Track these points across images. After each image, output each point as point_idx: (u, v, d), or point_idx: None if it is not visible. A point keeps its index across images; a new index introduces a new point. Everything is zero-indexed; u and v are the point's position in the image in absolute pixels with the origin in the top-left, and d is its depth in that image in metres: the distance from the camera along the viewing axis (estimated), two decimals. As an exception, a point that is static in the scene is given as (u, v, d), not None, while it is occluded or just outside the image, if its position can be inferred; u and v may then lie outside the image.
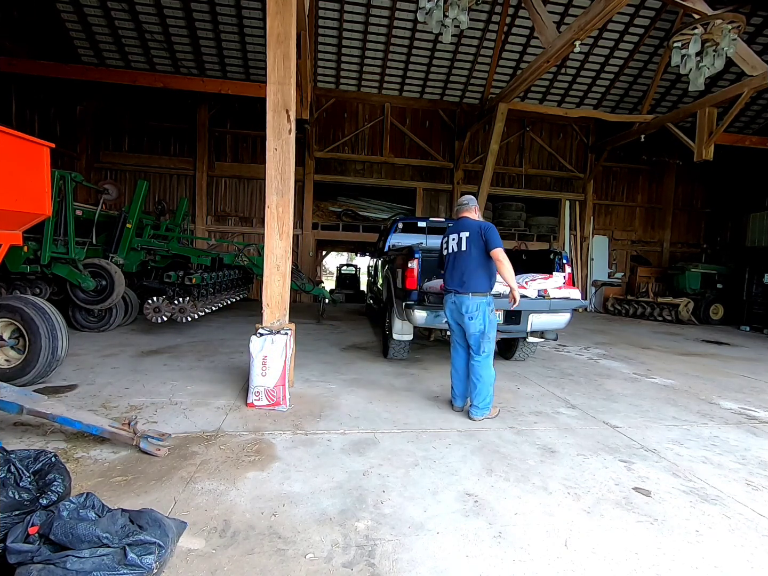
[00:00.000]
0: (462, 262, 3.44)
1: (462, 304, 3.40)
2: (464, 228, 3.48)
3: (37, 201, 2.70)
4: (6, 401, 2.57)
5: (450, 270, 3.54)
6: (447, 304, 3.57)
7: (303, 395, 3.87)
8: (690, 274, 11.36)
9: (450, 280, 3.53)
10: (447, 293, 3.57)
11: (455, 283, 3.47)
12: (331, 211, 12.75)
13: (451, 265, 3.53)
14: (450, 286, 3.52)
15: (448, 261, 3.57)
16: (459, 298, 3.43)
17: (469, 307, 3.37)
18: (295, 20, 3.78)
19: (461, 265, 3.45)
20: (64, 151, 10.53)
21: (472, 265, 3.40)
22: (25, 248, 5.40)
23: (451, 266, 3.53)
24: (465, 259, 3.43)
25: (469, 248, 3.41)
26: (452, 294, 3.48)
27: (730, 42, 5.79)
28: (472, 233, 3.41)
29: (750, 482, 2.60)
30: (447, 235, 3.66)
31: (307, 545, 1.86)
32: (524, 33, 10.38)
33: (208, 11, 9.47)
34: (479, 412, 3.42)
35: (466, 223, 3.51)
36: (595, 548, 1.92)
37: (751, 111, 12.56)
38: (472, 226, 3.45)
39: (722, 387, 4.79)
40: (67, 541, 1.51)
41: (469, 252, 3.41)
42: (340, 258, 30.37)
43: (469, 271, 3.40)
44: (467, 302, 3.38)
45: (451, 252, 3.53)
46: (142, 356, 5.06)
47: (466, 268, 3.41)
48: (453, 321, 3.59)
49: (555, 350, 6.45)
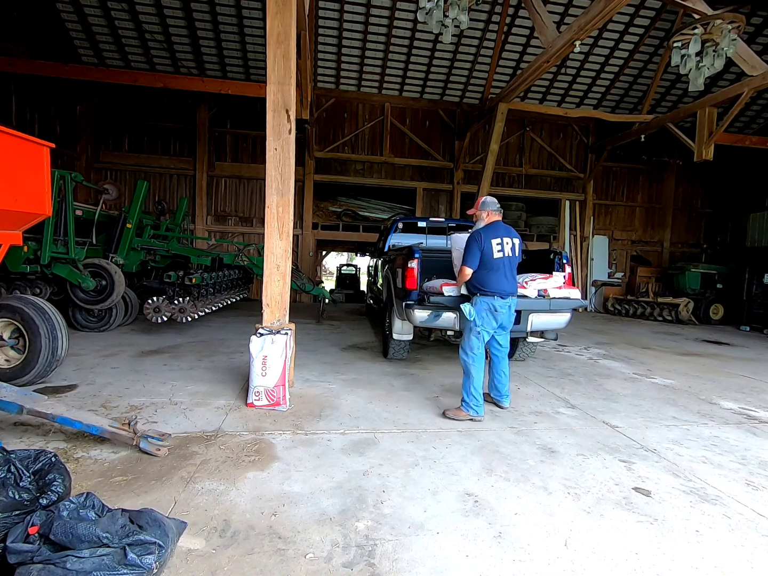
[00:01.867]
0: (515, 268, 3.64)
1: (514, 306, 3.64)
2: (512, 234, 3.61)
3: (37, 201, 2.70)
4: (6, 401, 2.57)
5: (506, 273, 3.53)
6: (499, 308, 3.47)
7: (303, 395, 3.87)
8: (690, 274, 11.36)
9: (507, 284, 3.53)
10: (496, 296, 3.47)
11: (513, 287, 3.60)
12: (331, 211, 12.75)
13: (508, 269, 3.54)
14: (507, 289, 3.52)
15: (502, 265, 3.50)
16: (514, 301, 3.62)
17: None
18: (295, 20, 3.78)
19: (515, 269, 3.64)
20: (64, 151, 10.53)
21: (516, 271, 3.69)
22: (25, 248, 5.40)
23: (508, 270, 3.54)
24: (516, 265, 3.64)
25: (520, 255, 3.64)
26: (509, 298, 3.53)
27: (730, 42, 5.79)
28: (519, 241, 3.64)
29: (750, 482, 2.60)
30: (495, 237, 3.51)
31: (307, 545, 1.86)
32: (524, 33, 10.39)
33: (208, 11, 9.47)
34: (509, 399, 3.79)
35: (509, 229, 3.63)
36: (595, 548, 1.92)
37: (751, 111, 12.56)
38: (514, 233, 3.64)
39: (722, 387, 4.79)
40: (67, 541, 1.51)
41: (519, 258, 3.65)
42: (340, 258, 30.38)
43: (515, 275, 3.68)
44: (515, 304, 3.66)
45: (506, 256, 3.51)
46: (142, 356, 5.06)
47: (515, 273, 3.66)
48: (499, 323, 3.57)
49: (555, 350, 6.45)
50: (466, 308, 3.47)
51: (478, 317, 3.46)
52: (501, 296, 3.46)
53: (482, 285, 3.49)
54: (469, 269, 3.50)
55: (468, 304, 3.50)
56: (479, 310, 3.46)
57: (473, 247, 3.47)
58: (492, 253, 3.46)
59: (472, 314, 3.45)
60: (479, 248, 3.45)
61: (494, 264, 3.47)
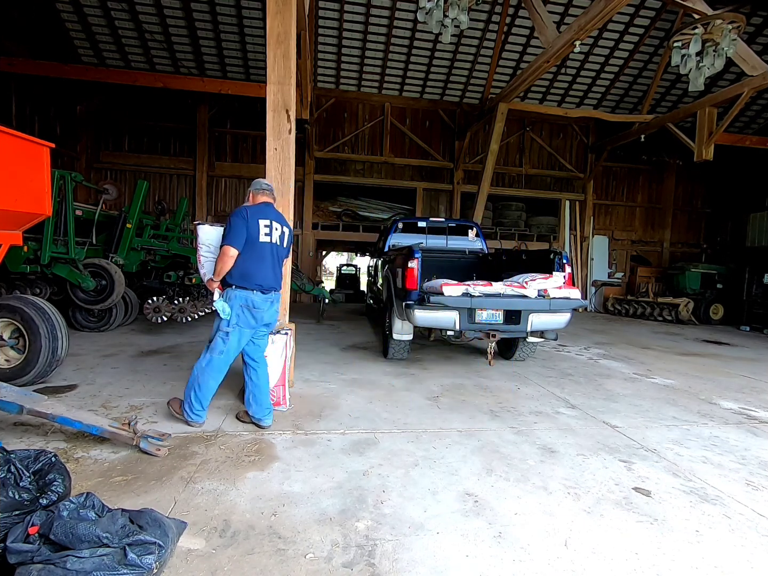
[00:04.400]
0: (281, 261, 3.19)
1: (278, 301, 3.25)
2: (283, 222, 3.14)
3: (37, 201, 2.70)
4: (6, 401, 2.57)
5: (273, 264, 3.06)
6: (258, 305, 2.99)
7: (303, 395, 3.87)
8: (690, 274, 11.37)
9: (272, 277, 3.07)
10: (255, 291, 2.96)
11: (277, 281, 3.13)
12: (331, 211, 12.75)
13: (275, 259, 3.08)
14: (272, 283, 3.06)
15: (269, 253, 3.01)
16: (278, 296, 3.20)
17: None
18: (295, 20, 3.78)
19: (281, 262, 3.18)
20: (64, 151, 10.53)
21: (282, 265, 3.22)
22: (25, 248, 5.40)
23: (275, 260, 3.08)
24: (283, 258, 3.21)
25: (288, 248, 3.24)
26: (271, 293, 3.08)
27: (730, 42, 5.79)
28: (290, 232, 3.22)
29: (750, 482, 2.60)
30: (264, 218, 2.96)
31: (307, 545, 1.86)
32: (524, 33, 10.39)
33: (208, 11, 9.47)
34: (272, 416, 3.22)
35: (281, 216, 3.17)
36: (595, 548, 1.92)
37: (751, 111, 12.57)
38: (286, 222, 3.19)
39: (722, 387, 4.79)
40: (67, 541, 1.51)
41: (288, 252, 3.28)
42: (340, 258, 30.38)
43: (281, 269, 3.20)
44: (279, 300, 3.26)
45: (274, 243, 3.03)
46: (142, 356, 5.06)
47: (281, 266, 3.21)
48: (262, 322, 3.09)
49: (555, 350, 6.45)
50: (219, 305, 2.93)
51: (233, 316, 2.92)
52: (262, 291, 2.97)
53: (242, 276, 2.92)
54: (233, 249, 2.84)
55: (221, 300, 2.95)
56: (234, 306, 2.92)
57: (238, 224, 2.85)
58: (258, 235, 2.89)
59: (227, 311, 2.92)
60: (245, 226, 2.85)
61: (259, 249, 2.92)
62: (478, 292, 4.17)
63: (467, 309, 4.29)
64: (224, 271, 2.91)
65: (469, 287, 4.19)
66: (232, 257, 2.86)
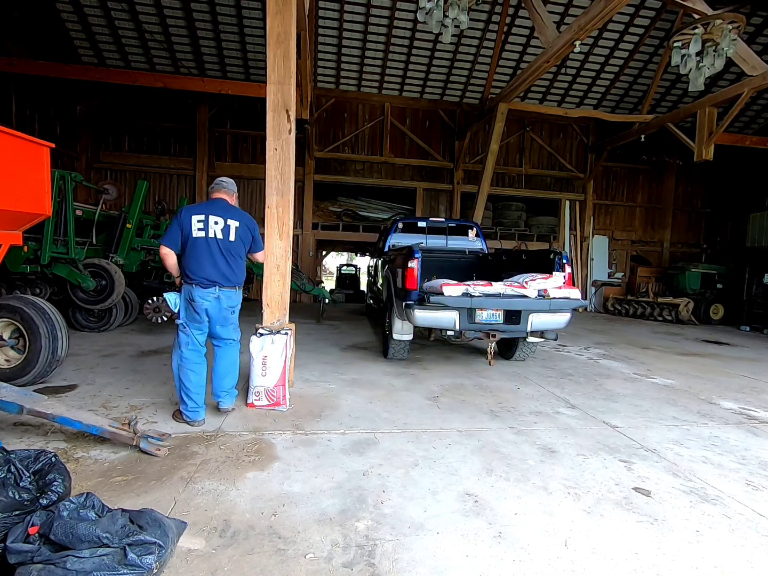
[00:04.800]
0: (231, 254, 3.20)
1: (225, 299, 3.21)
2: (233, 216, 3.17)
3: (37, 201, 2.70)
4: (6, 401, 2.57)
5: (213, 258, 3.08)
6: (198, 298, 3.05)
7: (303, 395, 3.87)
8: (690, 274, 11.37)
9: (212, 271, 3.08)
10: (194, 284, 3.05)
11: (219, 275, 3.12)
12: (331, 211, 12.75)
13: (216, 253, 3.11)
14: (211, 277, 3.08)
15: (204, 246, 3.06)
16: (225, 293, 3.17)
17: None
18: (295, 20, 3.78)
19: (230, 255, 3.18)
20: (64, 151, 10.53)
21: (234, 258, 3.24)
22: (25, 248, 5.39)
23: (217, 254, 3.11)
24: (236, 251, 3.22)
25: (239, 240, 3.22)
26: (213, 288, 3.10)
27: (730, 42, 5.79)
28: (242, 225, 3.21)
29: (750, 482, 2.60)
30: (198, 213, 3.08)
31: (307, 545, 1.86)
32: (524, 33, 10.39)
33: (208, 11, 9.47)
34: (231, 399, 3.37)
35: (231, 210, 3.20)
36: (595, 548, 1.92)
37: (751, 111, 12.57)
38: (240, 216, 3.22)
39: (722, 387, 4.79)
40: (67, 541, 1.51)
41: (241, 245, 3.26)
42: (340, 258, 30.38)
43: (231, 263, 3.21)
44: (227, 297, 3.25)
45: (211, 237, 3.09)
46: (142, 356, 5.06)
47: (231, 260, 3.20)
48: (207, 318, 3.17)
49: (555, 350, 6.45)
50: (171, 298, 3.09)
51: (182, 309, 3.10)
52: (201, 285, 3.03)
53: (184, 271, 3.09)
54: (164, 248, 3.07)
55: (173, 293, 3.13)
56: (181, 299, 3.10)
57: (172, 224, 3.09)
58: (191, 231, 3.03)
59: (177, 305, 3.08)
60: (178, 225, 3.05)
61: (193, 244, 3.04)
62: (478, 292, 4.17)
63: (467, 309, 4.29)
64: (168, 268, 3.18)
65: (469, 287, 4.19)
66: (165, 254, 3.10)
